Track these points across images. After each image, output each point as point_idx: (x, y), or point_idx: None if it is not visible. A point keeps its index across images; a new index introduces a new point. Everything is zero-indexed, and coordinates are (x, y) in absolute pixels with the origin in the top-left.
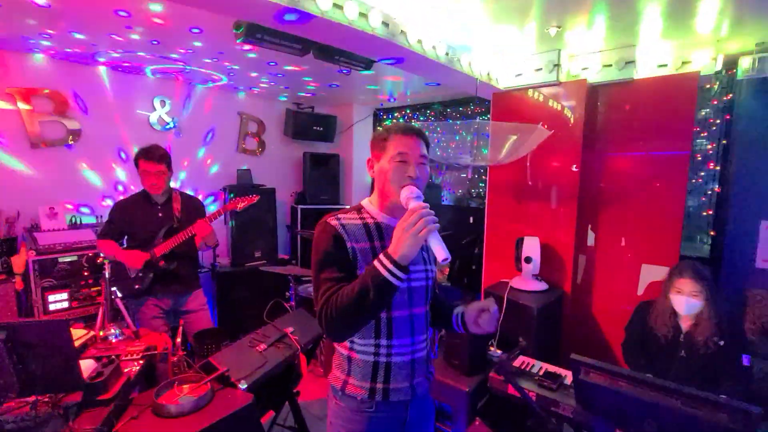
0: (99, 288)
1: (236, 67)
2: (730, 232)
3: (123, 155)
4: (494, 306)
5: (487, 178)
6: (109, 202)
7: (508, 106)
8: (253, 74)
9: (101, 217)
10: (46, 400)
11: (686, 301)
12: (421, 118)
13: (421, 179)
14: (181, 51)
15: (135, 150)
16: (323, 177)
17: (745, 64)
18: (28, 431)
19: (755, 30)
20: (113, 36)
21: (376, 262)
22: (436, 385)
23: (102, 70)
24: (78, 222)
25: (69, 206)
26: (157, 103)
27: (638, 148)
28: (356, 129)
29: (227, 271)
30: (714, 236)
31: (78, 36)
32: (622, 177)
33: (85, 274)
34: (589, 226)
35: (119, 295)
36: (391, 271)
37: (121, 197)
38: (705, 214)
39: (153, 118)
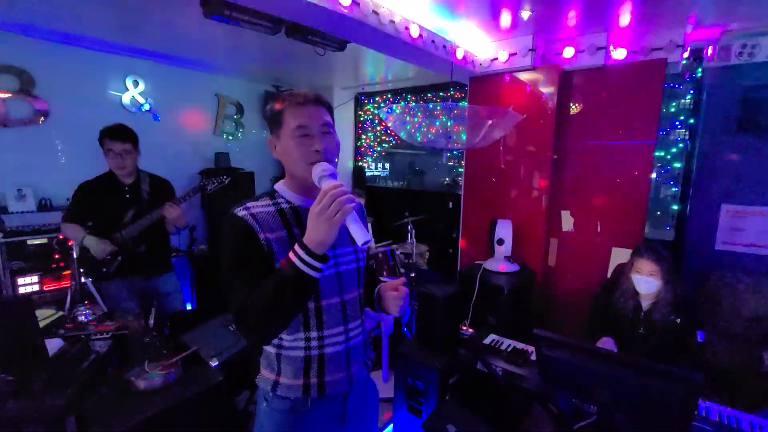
0: (69, 271)
1: (211, 46)
2: (692, 215)
3: (94, 133)
4: (404, 288)
5: (464, 163)
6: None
7: (484, 90)
8: (228, 54)
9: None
10: (12, 378)
11: (645, 281)
12: (402, 103)
13: (330, 150)
14: (150, 27)
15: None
16: None
17: (710, 51)
18: None
19: (720, 19)
20: (79, 10)
21: (291, 255)
22: (410, 364)
23: (70, 48)
24: (48, 204)
25: (36, 188)
26: (129, 83)
27: (608, 136)
28: (337, 113)
29: (205, 255)
30: (678, 220)
31: (41, 8)
32: (593, 163)
33: (56, 257)
34: (568, 212)
35: (89, 278)
36: (308, 263)
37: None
38: (671, 199)
39: (125, 98)
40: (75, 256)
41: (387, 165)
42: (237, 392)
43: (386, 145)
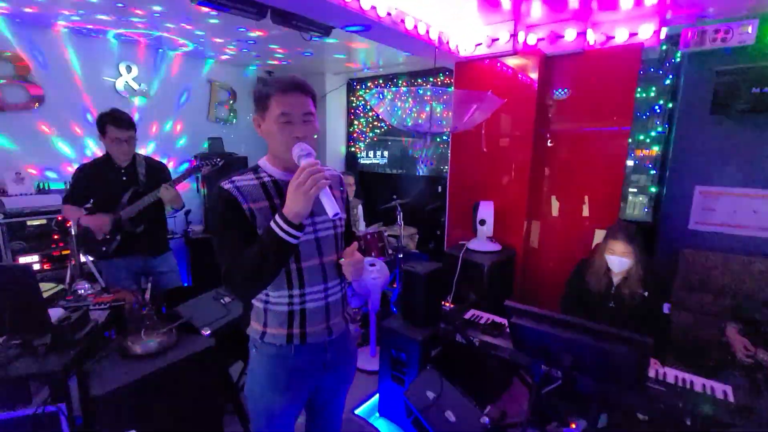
0: (69, 251)
1: (201, 33)
2: (668, 197)
3: (90, 118)
4: (356, 254)
5: (450, 147)
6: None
7: (469, 76)
8: (219, 40)
9: (68, 182)
10: (17, 341)
11: (618, 260)
12: (393, 88)
13: (309, 137)
14: (140, 13)
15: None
16: None
17: (686, 36)
18: (0, 368)
19: (696, 5)
20: None
21: (271, 223)
22: (393, 337)
23: (64, 33)
24: (46, 187)
25: (33, 171)
26: (122, 68)
27: (587, 122)
28: (329, 99)
29: (200, 237)
30: (656, 202)
31: None
32: (574, 149)
33: (55, 237)
34: (554, 197)
35: (90, 258)
36: (286, 231)
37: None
38: (649, 181)
39: (119, 84)
40: (74, 231)
41: (385, 153)
42: (230, 362)
43: (378, 131)
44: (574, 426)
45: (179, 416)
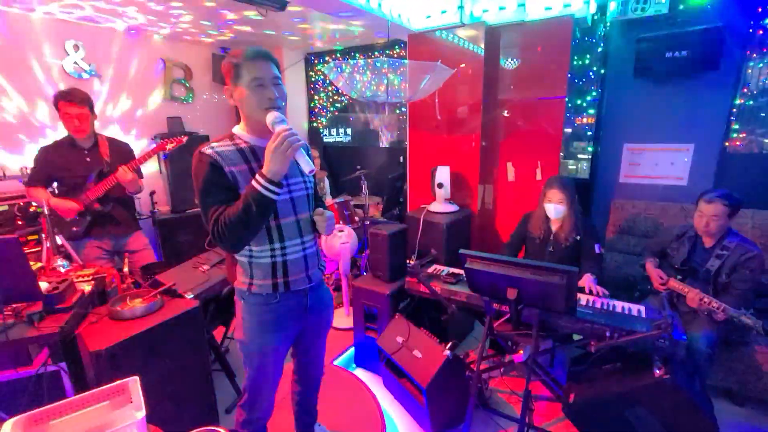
0: (36, 236)
1: (150, 4)
2: (601, 154)
3: (41, 102)
4: (326, 212)
5: (408, 116)
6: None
7: (422, 47)
8: (169, 13)
9: (25, 168)
10: (10, 311)
11: (554, 208)
12: (352, 61)
13: (280, 98)
14: None
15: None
16: None
17: (612, 6)
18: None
19: None
20: None
21: (253, 182)
22: (364, 293)
23: (4, 12)
24: (2, 175)
25: None
26: (69, 47)
27: (532, 91)
28: (288, 74)
29: (167, 218)
30: (593, 160)
31: None
32: (522, 116)
33: (19, 222)
34: (511, 163)
35: (63, 240)
36: (267, 187)
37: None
38: (587, 142)
39: (68, 65)
40: (46, 210)
41: (348, 130)
42: (212, 326)
43: (339, 105)
44: (522, 352)
45: (173, 370)
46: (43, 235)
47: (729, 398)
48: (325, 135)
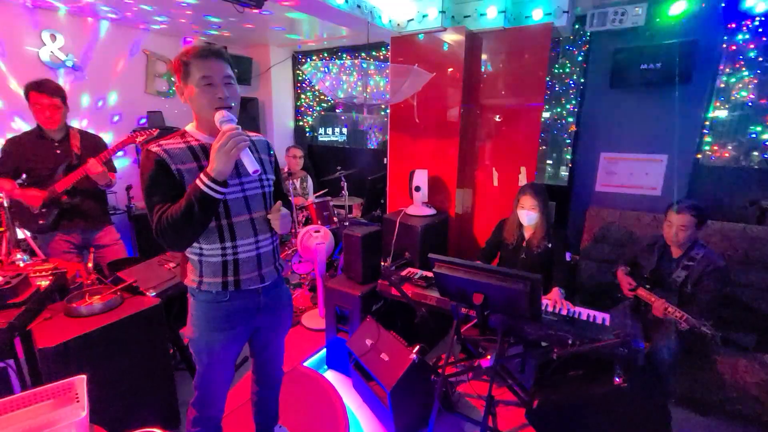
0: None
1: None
2: (578, 162)
3: (16, 88)
4: (282, 209)
5: (389, 119)
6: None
7: (404, 50)
8: (148, 8)
9: None
10: None
11: (527, 214)
12: (338, 62)
13: (231, 98)
14: None
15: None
16: (242, 121)
17: (591, 17)
18: None
19: None
20: None
21: (197, 180)
22: (336, 294)
23: None
24: None
25: None
26: (46, 37)
27: (505, 98)
28: (275, 72)
29: (143, 213)
30: (571, 167)
31: None
32: (502, 122)
33: None
34: (494, 168)
35: (27, 233)
36: (210, 186)
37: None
38: (565, 150)
39: (44, 54)
40: (5, 202)
41: (336, 130)
42: (179, 325)
43: (325, 105)
44: (489, 357)
45: (130, 369)
46: (1, 228)
47: (692, 407)
48: (311, 134)
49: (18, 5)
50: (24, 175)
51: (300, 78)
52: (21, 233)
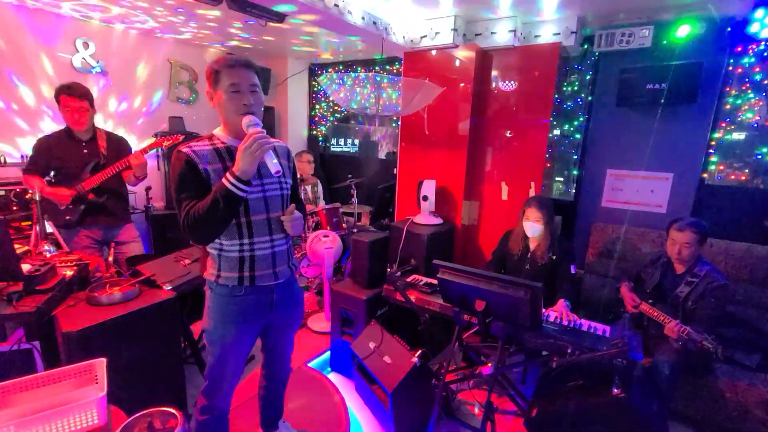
0: (30, 221)
1: (160, 10)
2: (585, 178)
3: (47, 93)
4: (295, 213)
5: (399, 130)
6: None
7: (416, 65)
8: (176, 20)
9: (25, 156)
10: None
11: (531, 226)
12: (353, 75)
13: (256, 105)
14: None
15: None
16: None
17: (599, 38)
18: None
19: (611, 11)
20: None
21: (223, 179)
22: (342, 298)
23: (17, 7)
24: (2, 161)
25: None
26: (79, 44)
27: (514, 114)
28: (291, 83)
29: (161, 213)
30: (578, 183)
31: None
32: (513, 137)
33: (15, 208)
34: (504, 182)
35: (53, 226)
36: (235, 185)
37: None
38: (572, 165)
39: (76, 60)
40: (37, 197)
41: (348, 140)
42: (191, 320)
43: (338, 115)
44: (490, 365)
45: (144, 357)
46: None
47: (692, 425)
48: (324, 144)
49: (56, 15)
50: (53, 173)
51: (315, 89)
52: (49, 227)
